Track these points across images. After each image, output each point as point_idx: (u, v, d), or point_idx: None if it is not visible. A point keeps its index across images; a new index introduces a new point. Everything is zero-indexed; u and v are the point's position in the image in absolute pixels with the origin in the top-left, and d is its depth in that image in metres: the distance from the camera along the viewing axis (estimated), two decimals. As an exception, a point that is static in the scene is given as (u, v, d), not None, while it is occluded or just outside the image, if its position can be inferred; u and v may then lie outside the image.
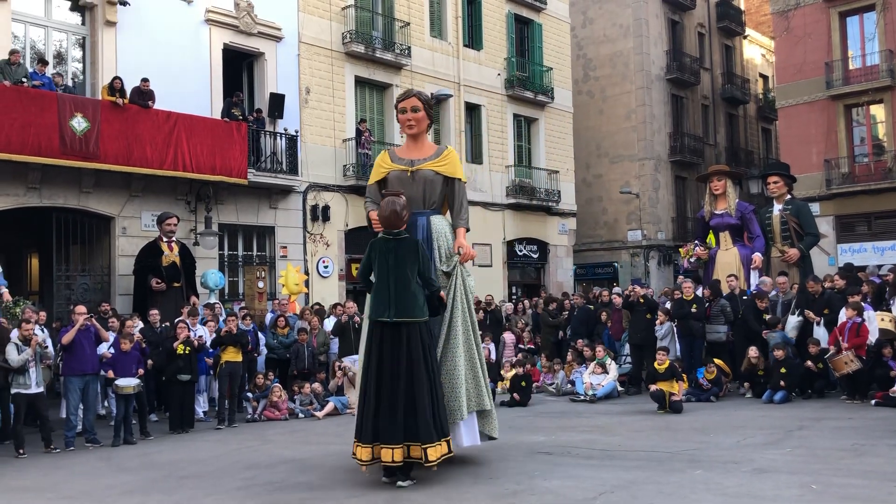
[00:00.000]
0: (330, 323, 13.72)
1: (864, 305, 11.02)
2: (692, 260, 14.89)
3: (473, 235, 22.52)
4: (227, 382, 11.13)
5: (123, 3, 15.47)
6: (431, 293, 6.29)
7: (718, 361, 11.99)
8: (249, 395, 11.87)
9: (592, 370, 12.55)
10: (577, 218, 27.00)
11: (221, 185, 16.38)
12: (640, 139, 30.92)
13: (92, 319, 9.96)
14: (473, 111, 23.20)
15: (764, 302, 12.26)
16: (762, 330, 11.88)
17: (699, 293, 13.17)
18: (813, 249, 14.93)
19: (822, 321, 11.56)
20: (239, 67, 18.26)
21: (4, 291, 10.92)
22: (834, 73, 26.66)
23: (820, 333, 11.46)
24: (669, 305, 13.32)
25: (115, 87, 14.53)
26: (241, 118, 16.46)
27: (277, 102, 17.78)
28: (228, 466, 7.58)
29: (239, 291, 17.14)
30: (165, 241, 14.40)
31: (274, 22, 18.13)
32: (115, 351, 10.14)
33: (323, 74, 19.15)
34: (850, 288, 11.61)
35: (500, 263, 23.39)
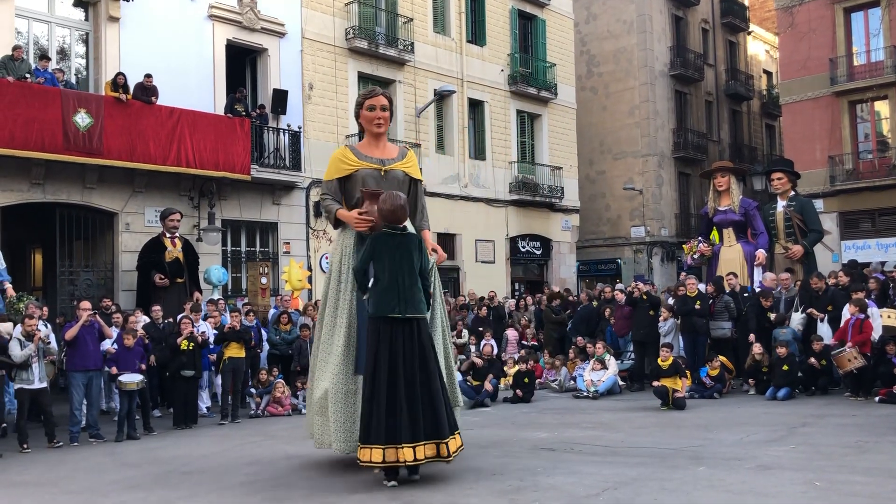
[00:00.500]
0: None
1: (867, 302, 11.01)
2: (696, 257, 14.87)
3: (477, 231, 22.88)
4: (230, 378, 11.18)
5: (126, -2, 15.48)
6: (425, 289, 6.29)
7: (722, 358, 11.98)
8: (252, 390, 11.88)
9: (592, 367, 12.55)
10: (580, 214, 27.00)
11: (224, 181, 16.39)
12: (643, 135, 30.86)
13: (96, 315, 9.97)
14: (476, 107, 23.18)
15: (769, 300, 12.24)
16: (768, 328, 11.85)
17: (702, 288, 13.15)
18: (817, 246, 14.91)
19: (825, 318, 11.55)
20: (242, 63, 18.26)
21: (8, 287, 10.92)
22: (838, 69, 26.58)
23: (823, 330, 11.45)
24: (673, 302, 13.31)
25: (118, 82, 14.54)
26: (244, 114, 16.47)
27: (280, 98, 17.77)
28: (231, 462, 7.58)
29: (242, 287, 17.17)
30: (169, 237, 14.43)
31: (277, 18, 18.12)
32: (118, 347, 10.16)
33: (326, 70, 19.14)
34: (854, 285, 11.59)
35: (502, 260, 23.38)
